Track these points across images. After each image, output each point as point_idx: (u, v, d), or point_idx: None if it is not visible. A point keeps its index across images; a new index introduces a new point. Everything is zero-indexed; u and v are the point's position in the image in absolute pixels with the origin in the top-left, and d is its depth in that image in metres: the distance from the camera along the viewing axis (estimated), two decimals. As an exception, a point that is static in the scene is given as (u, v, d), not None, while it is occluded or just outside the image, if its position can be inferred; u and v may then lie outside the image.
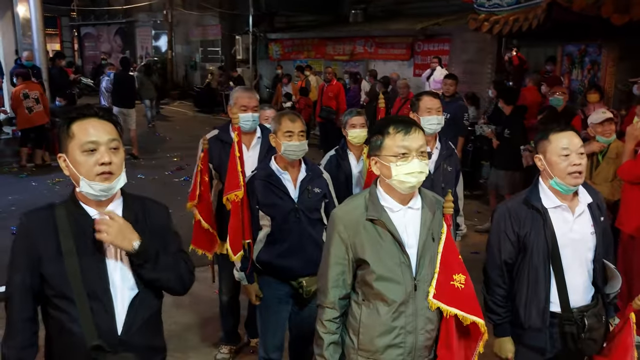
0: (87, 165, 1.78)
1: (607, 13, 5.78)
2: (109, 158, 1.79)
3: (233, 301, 3.87)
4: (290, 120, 2.89)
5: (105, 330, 1.79)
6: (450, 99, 6.82)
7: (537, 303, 2.39)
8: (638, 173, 3.90)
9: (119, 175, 1.83)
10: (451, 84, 6.92)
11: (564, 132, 2.35)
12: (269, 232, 2.93)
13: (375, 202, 2.09)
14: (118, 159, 1.83)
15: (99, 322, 1.79)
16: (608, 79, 7.34)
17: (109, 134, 1.82)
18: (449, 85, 6.93)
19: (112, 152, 1.81)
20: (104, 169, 1.78)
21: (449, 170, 3.45)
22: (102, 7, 24.76)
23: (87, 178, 1.78)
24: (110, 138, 1.82)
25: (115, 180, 1.82)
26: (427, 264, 2.07)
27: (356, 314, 2.12)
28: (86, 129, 1.80)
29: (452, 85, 6.92)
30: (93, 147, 1.79)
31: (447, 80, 7.07)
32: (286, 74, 14.34)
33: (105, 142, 1.80)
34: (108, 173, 1.79)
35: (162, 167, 9.91)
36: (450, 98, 6.82)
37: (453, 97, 6.92)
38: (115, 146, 1.83)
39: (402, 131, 2.02)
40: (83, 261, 1.79)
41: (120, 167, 1.84)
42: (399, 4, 16.59)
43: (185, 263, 2.01)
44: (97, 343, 1.76)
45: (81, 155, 1.79)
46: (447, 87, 6.94)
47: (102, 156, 1.79)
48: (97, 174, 1.78)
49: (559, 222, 2.39)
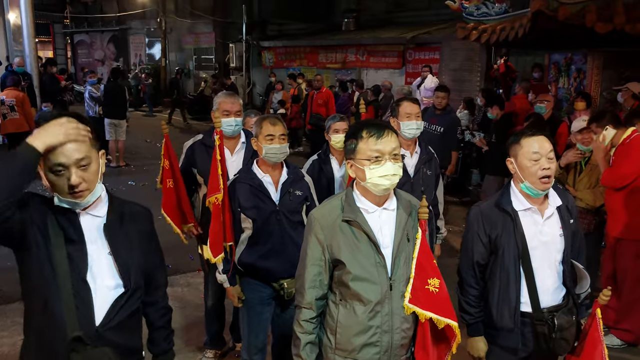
0: (58, 184, 1.78)
1: (591, 22, 5.87)
2: (79, 179, 1.76)
3: (218, 305, 3.89)
4: (271, 124, 2.94)
5: (83, 322, 1.81)
6: (442, 111, 6.64)
7: (509, 303, 2.44)
8: (617, 177, 4.00)
9: (92, 189, 1.82)
10: (443, 97, 6.64)
11: (534, 137, 2.41)
12: (250, 234, 2.97)
13: (351, 204, 2.13)
14: (90, 174, 1.80)
15: (79, 313, 1.81)
16: (593, 86, 7.45)
17: (79, 151, 1.76)
18: (441, 98, 6.64)
19: (83, 169, 1.78)
20: (74, 189, 1.77)
21: (429, 174, 3.51)
22: (96, 14, 24.81)
23: (60, 195, 1.79)
24: (79, 157, 1.77)
25: (90, 195, 1.82)
26: (402, 264, 2.11)
27: (334, 313, 2.16)
28: (54, 148, 1.73)
29: (444, 99, 6.64)
30: (61, 169, 1.76)
31: (439, 93, 6.78)
32: (279, 81, 14.42)
33: (74, 162, 1.76)
34: (79, 192, 1.78)
35: (153, 173, 9.89)
36: (442, 111, 6.64)
37: (445, 109, 6.70)
38: (85, 163, 1.79)
39: (375, 135, 2.06)
40: (69, 253, 1.81)
41: (94, 181, 1.82)
42: (390, 13, 16.77)
43: (164, 293, 2.17)
44: (77, 334, 1.78)
45: (51, 174, 1.78)
46: (439, 100, 6.65)
47: (71, 177, 1.76)
48: (68, 192, 1.78)
49: (528, 225, 2.45)
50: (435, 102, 6.71)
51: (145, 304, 2.08)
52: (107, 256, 1.90)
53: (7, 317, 4.39)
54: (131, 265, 1.94)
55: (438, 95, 6.73)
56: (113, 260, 1.91)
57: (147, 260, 2.02)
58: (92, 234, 1.89)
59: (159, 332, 2.18)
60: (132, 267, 1.94)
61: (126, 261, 1.93)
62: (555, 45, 8.04)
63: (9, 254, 1.87)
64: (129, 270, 1.93)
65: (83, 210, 1.88)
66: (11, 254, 1.88)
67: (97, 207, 1.91)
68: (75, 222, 1.86)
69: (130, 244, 1.95)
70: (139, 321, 2.06)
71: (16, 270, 1.90)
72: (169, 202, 3.50)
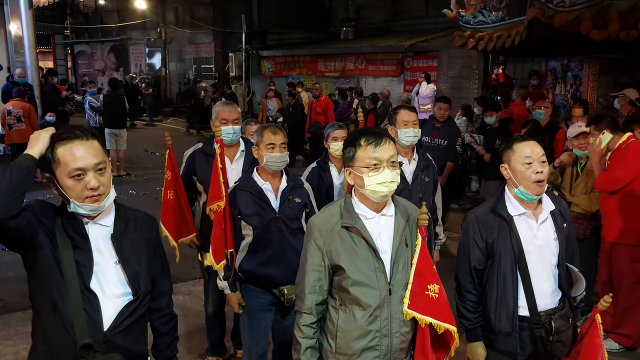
0: (76, 189, 1.84)
1: (586, 29, 5.92)
2: (97, 182, 1.84)
3: (219, 312, 3.92)
4: (272, 132, 2.99)
5: (91, 326, 1.85)
6: (444, 123, 6.26)
7: (507, 308, 2.47)
8: (611, 181, 4.04)
9: (108, 193, 1.89)
10: (446, 109, 6.23)
11: (526, 142, 2.47)
12: (250, 241, 3.01)
13: (350, 210, 2.16)
14: (105, 178, 1.88)
15: (87, 318, 1.84)
16: (590, 93, 7.50)
17: (95, 156, 1.86)
18: (444, 110, 6.22)
19: (100, 174, 1.86)
20: (92, 192, 1.83)
21: (427, 180, 3.55)
22: (96, 25, 24.96)
23: (77, 200, 1.84)
24: (97, 162, 1.86)
25: (105, 200, 1.88)
26: (401, 269, 2.15)
27: (334, 318, 2.19)
28: (72, 154, 1.82)
29: (446, 110, 6.24)
30: (80, 173, 1.83)
31: (441, 104, 6.32)
32: (270, 89, 14.47)
33: (92, 166, 1.85)
34: (97, 195, 1.85)
35: (153, 182, 9.97)
36: (443, 123, 6.26)
37: (447, 121, 6.32)
38: (102, 167, 1.88)
39: (373, 143, 2.10)
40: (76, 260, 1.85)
41: (108, 185, 1.89)
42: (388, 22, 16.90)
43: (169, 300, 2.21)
44: (87, 341, 1.82)
45: (69, 180, 1.83)
46: (442, 112, 6.23)
47: (90, 181, 1.83)
48: (86, 197, 1.84)
49: (523, 229, 2.49)
50: (437, 114, 6.31)
51: (150, 310, 2.11)
52: (114, 265, 1.94)
53: (10, 326, 4.41)
54: (140, 272, 1.98)
55: (440, 107, 6.30)
56: (121, 268, 1.94)
57: (152, 267, 2.06)
58: (99, 243, 1.93)
59: (163, 338, 2.21)
60: (141, 275, 1.98)
61: (135, 269, 1.97)
62: (552, 52, 8.11)
63: (11, 264, 1.91)
64: (138, 277, 1.97)
65: (91, 220, 1.92)
66: (13, 264, 1.92)
67: (105, 217, 1.95)
68: (82, 231, 1.90)
69: (138, 252, 2.00)
70: (145, 326, 2.10)
71: (18, 281, 1.94)
72: (168, 214, 3.52)
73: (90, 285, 1.87)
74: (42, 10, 21.86)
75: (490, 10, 8.06)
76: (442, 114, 6.24)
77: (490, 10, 8.05)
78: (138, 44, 24.12)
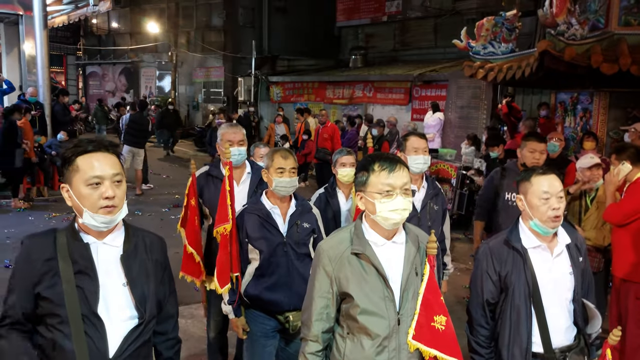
0: (91, 198, 1.83)
1: (597, 63, 5.93)
2: (113, 192, 1.84)
3: (220, 338, 3.84)
4: (282, 157, 2.97)
5: (96, 354, 1.81)
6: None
7: (520, 344, 2.38)
8: (620, 215, 3.96)
9: (121, 207, 1.88)
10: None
11: (545, 175, 2.39)
12: (257, 265, 2.96)
13: (360, 236, 2.12)
14: (121, 191, 1.88)
15: (92, 345, 1.80)
16: (600, 126, 7.46)
17: (113, 167, 1.87)
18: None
19: (116, 185, 1.87)
20: (107, 202, 1.83)
21: (436, 209, 3.50)
22: (109, 47, 25.34)
23: (91, 210, 1.83)
24: (115, 172, 1.87)
25: (118, 213, 1.87)
26: (411, 298, 2.09)
27: (340, 347, 2.13)
28: (91, 162, 1.84)
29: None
30: (98, 181, 1.84)
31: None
32: (278, 114, 14.54)
33: (110, 176, 1.85)
34: (111, 206, 1.84)
35: (160, 203, 9.96)
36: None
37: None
38: (119, 179, 1.88)
39: (387, 169, 2.06)
40: (79, 286, 1.82)
41: (122, 200, 1.89)
42: (398, 51, 17.08)
43: (175, 324, 2.19)
44: None
45: (86, 188, 1.83)
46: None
47: (107, 190, 1.83)
48: (100, 207, 1.83)
49: (538, 262, 2.41)
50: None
51: (155, 333, 2.06)
52: (122, 287, 1.90)
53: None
54: (147, 295, 1.94)
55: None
56: (129, 290, 1.90)
57: (160, 289, 2.02)
58: (108, 265, 1.89)
59: None
60: (149, 298, 1.94)
61: (142, 291, 1.93)
62: (561, 84, 8.11)
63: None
64: (145, 301, 1.93)
65: (100, 241, 1.90)
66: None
67: (114, 237, 1.93)
68: (87, 254, 1.87)
69: (147, 274, 1.96)
70: (150, 351, 2.05)
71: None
72: (194, 237, 3.50)
73: (95, 310, 1.83)
74: (56, 31, 22.25)
75: (500, 42, 8.12)
76: None
77: (500, 42, 8.10)
78: (149, 66, 24.42)
